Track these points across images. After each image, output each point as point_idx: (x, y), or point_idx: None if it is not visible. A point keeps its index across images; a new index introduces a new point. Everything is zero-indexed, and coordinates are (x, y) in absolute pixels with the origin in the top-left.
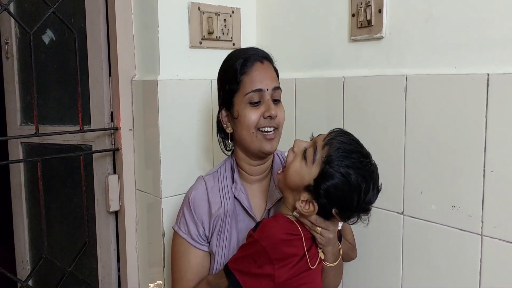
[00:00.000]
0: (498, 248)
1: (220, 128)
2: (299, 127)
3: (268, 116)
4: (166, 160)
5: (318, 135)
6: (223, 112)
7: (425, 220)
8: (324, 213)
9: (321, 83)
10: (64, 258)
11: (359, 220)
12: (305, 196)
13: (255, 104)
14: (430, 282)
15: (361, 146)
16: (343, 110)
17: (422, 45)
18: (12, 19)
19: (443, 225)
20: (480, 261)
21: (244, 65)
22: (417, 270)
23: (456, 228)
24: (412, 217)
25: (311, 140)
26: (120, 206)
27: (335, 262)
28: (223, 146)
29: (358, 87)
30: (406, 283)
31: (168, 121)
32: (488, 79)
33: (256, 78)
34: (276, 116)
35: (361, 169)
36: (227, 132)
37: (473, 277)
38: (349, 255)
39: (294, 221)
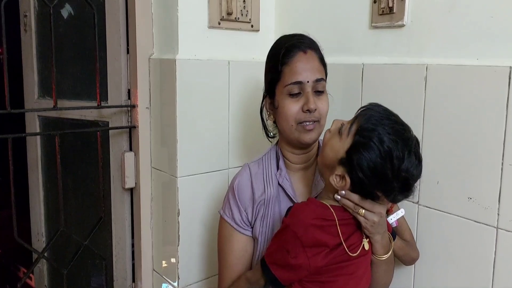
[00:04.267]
0: None
1: (264, 115)
2: None
3: (306, 110)
4: (183, 139)
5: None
6: (267, 100)
7: (440, 211)
8: (366, 193)
9: (340, 69)
10: (79, 232)
11: (405, 199)
12: (339, 170)
13: (295, 95)
14: (443, 273)
15: (395, 115)
16: (361, 97)
17: (444, 35)
18: None
19: (458, 216)
20: (494, 254)
21: (286, 55)
22: (430, 260)
23: (471, 220)
24: (427, 207)
25: None
26: (135, 183)
27: (385, 254)
28: (265, 133)
29: (377, 74)
30: (419, 272)
31: (185, 101)
32: (510, 72)
33: (297, 70)
34: (315, 110)
35: (391, 134)
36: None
37: (487, 269)
38: (410, 254)
39: (329, 206)
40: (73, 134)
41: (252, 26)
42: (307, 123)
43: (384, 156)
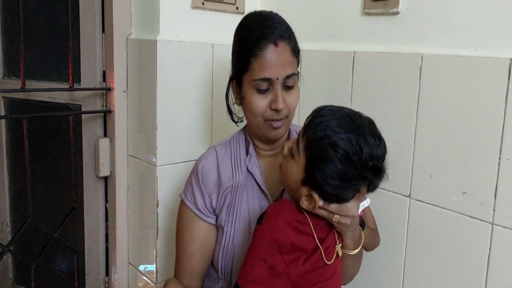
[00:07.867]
0: (509, 238)
1: (230, 98)
2: (303, 103)
3: (274, 109)
4: (163, 125)
5: None
6: (234, 83)
7: (433, 205)
8: (340, 199)
9: (330, 57)
10: (48, 222)
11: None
12: (304, 191)
13: (263, 91)
14: (434, 269)
15: (340, 109)
16: (351, 87)
17: (441, 24)
18: None
19: (452, 211)
20: (489, 250)
21: (255, 45)
22: (421, 256)
23: (466, 215)
24: (419, 200)
25: None
26: (110, 171)
27: (355, 249)
28: (231, 116)
29: (369, 63)
30: (409, 268)
31: (165, 84)
32: (510, 64)
33: (267, 65)
34: (283, 108)
35: (342, 133)
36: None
37: (480, 266)
38: (374, 242)
39: (302, 209)
40: (43, 118)
41: (237, 8)
42: (275, 121)
43: (344, 161)
